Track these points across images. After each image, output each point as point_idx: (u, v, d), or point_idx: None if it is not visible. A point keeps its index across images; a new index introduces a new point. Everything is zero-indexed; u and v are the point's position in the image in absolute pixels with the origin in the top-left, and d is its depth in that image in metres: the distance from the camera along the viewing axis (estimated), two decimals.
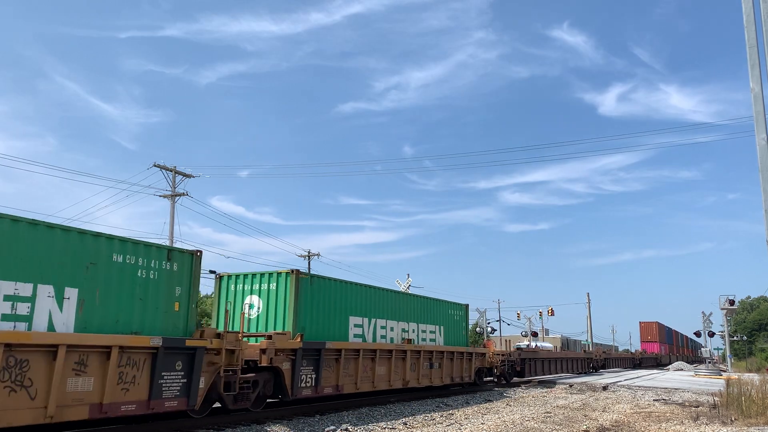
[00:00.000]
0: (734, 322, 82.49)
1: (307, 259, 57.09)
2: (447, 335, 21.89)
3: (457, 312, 23.10)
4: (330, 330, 15.61)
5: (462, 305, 23.79)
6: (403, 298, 19.73)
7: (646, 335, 73.95)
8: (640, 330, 74.29)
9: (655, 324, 75.77)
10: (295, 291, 14.43)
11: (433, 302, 21.57)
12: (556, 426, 13.14)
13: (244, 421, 12.56)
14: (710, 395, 20.63)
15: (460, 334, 22.95)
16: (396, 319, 18.77)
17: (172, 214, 38.12)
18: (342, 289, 16.45)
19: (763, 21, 13.17)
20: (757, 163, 13.00)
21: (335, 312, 15.92)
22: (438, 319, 21.44)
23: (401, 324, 18.98)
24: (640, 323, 74.54)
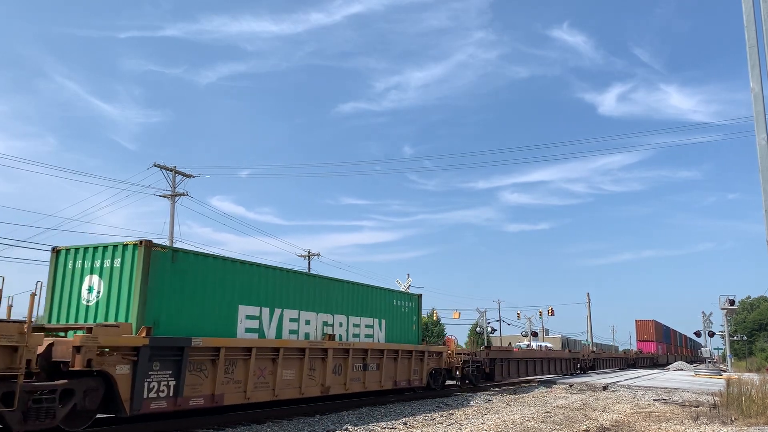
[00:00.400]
0: (734, 322, 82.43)
1: (307, 259, 57.12)
2: (390, 330, 18.52)
3: (405, 303, 19.70)
4: (206, 322, 12.12)
5: (413, 295, 20.77)
6: (325, 285, 16.10)
7: (643, 334, 70.87)
8: (636, 329, 70.95)
9: (651, 323, 72.38)
10: (143, 269, 10.93)
11: (369, 290, 18.00)
12: (557, 426, 13.14)
13: (244, 421, 12.57)
14: (710, 395, 20.64)
15: (408, 329, 19.53)
16: (315, 309, 15.29)
17: (172, 214, 38.12)
18: (226, 270, 12.81)
19: (763, 21, 13.17)
20: (757, 163, 13.00)
21: (215, 299, 12.43)
22: (377, 311, 18.00)
23: (323, 316, 15.58)
24: (636, 321, 70.91)
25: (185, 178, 39.30)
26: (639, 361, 59.39)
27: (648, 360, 64.16)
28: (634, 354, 61.20)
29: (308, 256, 57.19)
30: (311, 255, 57.20)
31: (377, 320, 18.00)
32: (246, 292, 13.21)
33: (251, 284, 13.42)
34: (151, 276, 11.06)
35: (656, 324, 73.26)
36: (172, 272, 11.55)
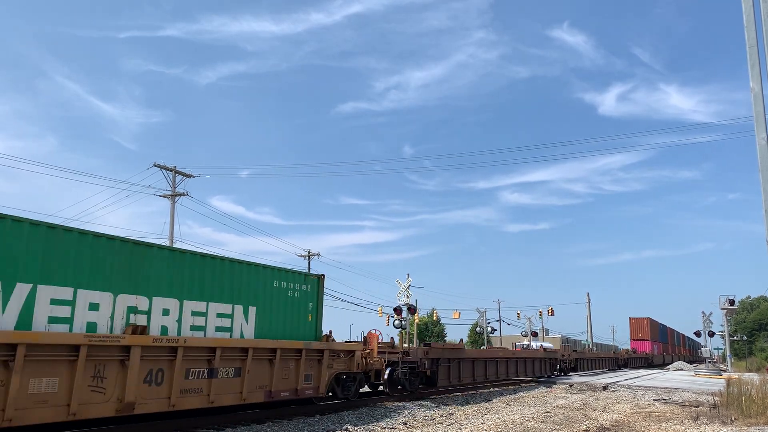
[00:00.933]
0: (734, 322, 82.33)
1: (307, 259, 57.12)
2: (266, 322, 13.64)
3: (293, 285, 14.72)
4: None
5: (308, 276, 15.57)
6: (136, 254, 10.93)
7: (637, 333, 67.04)
8: (629, 327, 65.94)
9: (646, 320, 68.13)
10: None
11: (225, 266, 12.85)
12: (556, 426, 13.14)
13: (244, 421, 12.57)
14: (710, 395, 20.64)
15: (300, 320, 14.74)
16: (112, 289, 10.39)
17: (172, 214, 38.13)
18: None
19: (763, 21, 13.17)
20: (757, 163, 13.00)
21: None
22: (240, 295, 13.05)
23: (126, 299, 10.58)
24: (630, 319, 65.76)
25: (185, 178, 39.32)
26: (631, 361, 56.03)
27: (641, 360, 60.67)
28: (625, 353, 56.75)
29: (308, 256, 57.20)
30: (311, 255, 57.22)
31: (241, 307, 13.04)
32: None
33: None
34: None
35: (651, 322, 69.23)
36: None
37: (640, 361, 59.80)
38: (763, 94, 13.24)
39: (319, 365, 14.87)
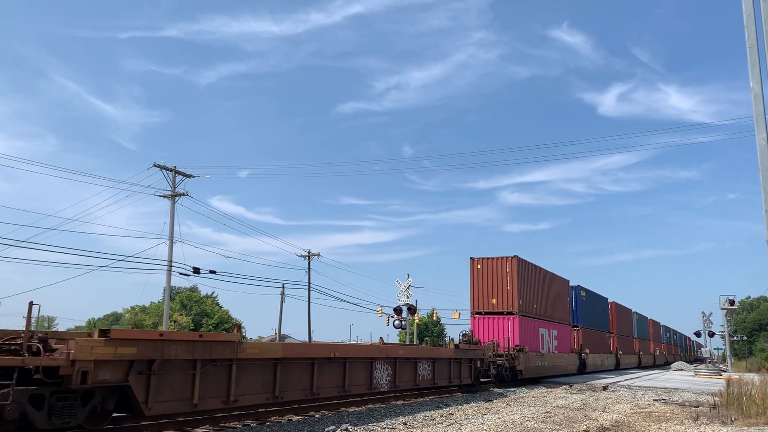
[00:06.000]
0: (734, 322, 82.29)
1: (307, 259, 57.11)
2: None
3: None
4: None
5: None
6: None
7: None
8: (610, 317, 47.64)
9: (629, 312, 55.39)
10: None
11: None
12: (556, 426, 13.14)
13: (245, 421, 12.56)
14: (710, 395, 20.65)
15: None
16: None
17: (172, 214, 38.13)
18: None
19: (763, 21, 13.18)
20: (757, 163, 13.01)
21: None
22: None
23: None
24: (611, 304, 48.04)
25: (185, 178, 39.35)
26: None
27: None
28: (591, 352, 43.57)
29: (308, 256, 57.19)
30: (311, 255, 57.21)
31: None
32: None
33: None
34: None
35: (636, 316, 58.41)
36: None
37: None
38: (763, 94, 13.25)
39: None
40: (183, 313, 77.12)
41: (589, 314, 40.41)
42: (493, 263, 28.14)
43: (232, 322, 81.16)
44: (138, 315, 75.10)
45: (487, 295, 27.92)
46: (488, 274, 28.06)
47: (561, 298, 34.81)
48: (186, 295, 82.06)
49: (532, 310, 29.31)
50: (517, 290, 27.36)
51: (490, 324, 27.58)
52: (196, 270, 36.36)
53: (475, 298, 28.23)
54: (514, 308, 27.27)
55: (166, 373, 9.86)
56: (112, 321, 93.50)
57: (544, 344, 30.60)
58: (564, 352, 34.17)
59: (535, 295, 29.88)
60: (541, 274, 31.48)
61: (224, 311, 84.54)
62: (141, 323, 71.44)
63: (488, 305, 27.81)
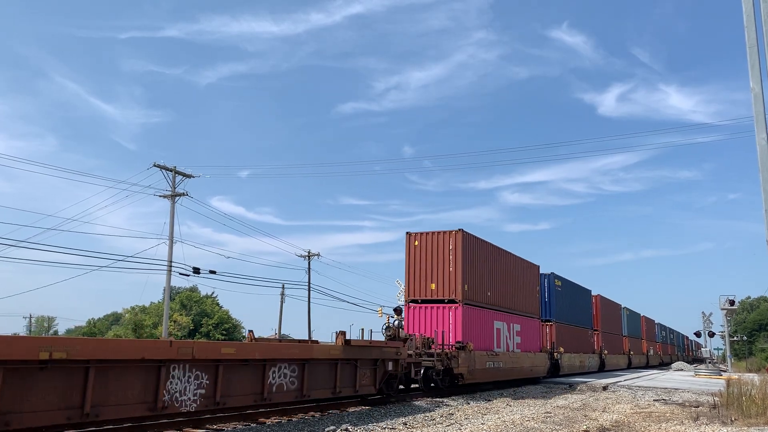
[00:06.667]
0: (734, 323, 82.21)
1: (307, 259, 57.11)
2: None
3: None
4: None
5: None
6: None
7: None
8: (593, 312, 42.07)
9: (617, 308, 49.75)
10: None
11: None
12: (557, 426, 13.14)
13: (244, 422, 12.56)
14: (710, 395, 20.64)
15: None
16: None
17: (172, 214, 38.14)
18: None
19: (763, 21, 13.18)
20: (757, 163, 13.01)
21: None
22: None
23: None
24: (595, 297, 42.46)
25: (185, 178, 39.35)
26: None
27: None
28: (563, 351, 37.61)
29: (308, 257, 57.19)
30: (311, 255, 57.20)
31: None
32: None
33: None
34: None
35: (626, 312, 53.44)
36: None
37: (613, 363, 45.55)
38: (763, 94, 13.25)
39: None
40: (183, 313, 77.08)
41: (565, 307, 34.82)
42: (432, 239, 22.42)
43: (232, 322, 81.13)
44: (138, 315, 75.06)
45: (426, 279, 22.32)
46: (427, 252, 22.42)
47: (527, 287, 28.96)
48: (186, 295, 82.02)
49: (484, 298, 23.70)
50: (461, 273, 21.65)
51: (427, 315, 22.08)
52: (196, 270, 36.37)
53: (410, 283, 22.66)
54: (457, 295, 21.58)
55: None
56: (112, 321, 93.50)
57: (501, 341, 25.01)
58: (530, 351, 28.27)
59: (488, 280, 24.23)
60: (498, 255, 25.62)
61: (224, 311, 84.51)
62: (141, 323, 71.43)
63: (426, 291, 22.29)
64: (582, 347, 37.63)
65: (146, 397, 10.05)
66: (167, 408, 10.36)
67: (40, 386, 8.50)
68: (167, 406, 10.35)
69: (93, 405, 9.02)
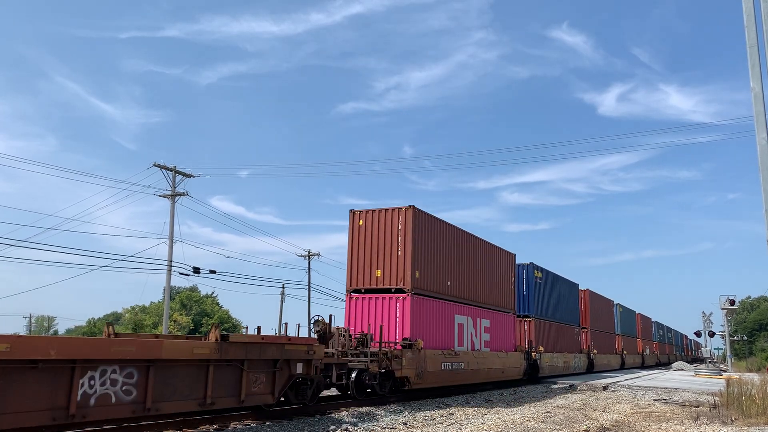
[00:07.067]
0: (734, 322, 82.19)
1: (307, 259, 57.11)
2: None
3: None
4: None
5: None
6: None
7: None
8: (581, 308, 38.99)
9: (609, 304, 46.14)
10: None
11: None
12: (557, 426, 13.14)
13: (244, 422, 12.56)
14: (710, 395, 20.64)
15: None
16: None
17: (172, 214, 38.14)
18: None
19: (763, 21, 13.18)
20: (757, 163, 13.01)
21: None
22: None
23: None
24: (583, 292, 39.46)
25: (185, 178, 39.34)
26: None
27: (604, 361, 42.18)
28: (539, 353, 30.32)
29: (308, 256, 57.19)
30: (311, 255, 57.21)
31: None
32: None
33: None
34: None
35: (614, 306, 49.28)
36: None
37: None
38: (763, 94, 13.25)
39: None
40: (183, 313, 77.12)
41: (547, 302, 31.55)
42: (379, 217, 19.28)
43: (232, 322, 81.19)
44: (138, 315, 75.11)
45: (371, 265, 19.10)
46: (373, 233, 19.31)
47: (501, 278, 25.76)
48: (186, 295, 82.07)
49: (443, 288, 20.50)
50: (411, 257, 18.48)
51: (371, 307, 18.80)
52: (196, 270, 36.38)
53: (353, 270, 19.40)
54: (405, 283, 18.38)
55: None
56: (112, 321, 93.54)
57: (463, 338, 21.69)
58: (501, 350, 24.92)
59: (449, 267, 21.02)
60: (462, 239, 22.30)
61: (224, 311, 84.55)
62: (141, 323, 71.46)
63: (371, 279, 19.01)
64: (567, 346, 34.59)
65: None
66: None
67: None
68: None
69: None
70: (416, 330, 18.42)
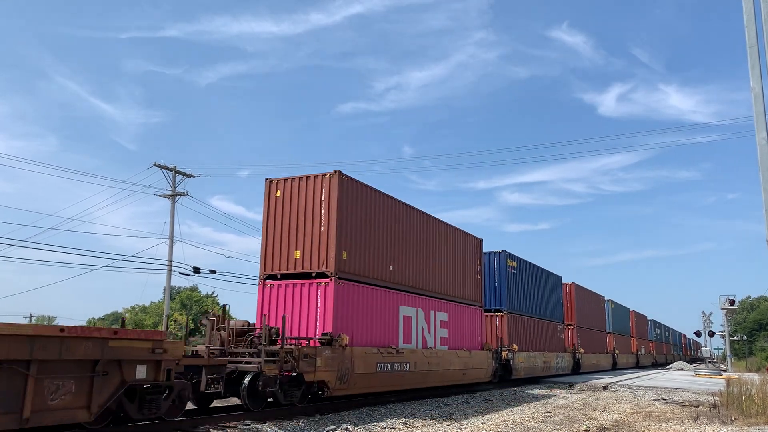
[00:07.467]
0: (734, 322, 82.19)
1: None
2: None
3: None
4: None
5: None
6: None
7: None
8: (566, 303, 36.12)
9: (599, 300, 42.88)
10: None
11: None
12: (557, 426, 13.15)
13: (244, 421, 12.56)
14: (710, 395, 20.65)
15: None
16: None
17: (173, 213, 38.15)
18: None
19: (763, 21, 13.19)
20: (757, 163, 13.02)
21: None
22: None
23: None
24: (568, 286, 36.51)
25: (185, 178, 39.36)
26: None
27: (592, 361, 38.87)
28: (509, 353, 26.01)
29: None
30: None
31: None
32: None
33: None
34: None
35: (615, 308, 48.04)
36: None
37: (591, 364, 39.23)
38: (763, 94, 13.26)
39: None
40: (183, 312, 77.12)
41: (524, 295, 28.53)
42: (300, 187, 16.14)
43: None
44: (138, 315, 75.13)
45: (288, 245, 15.99)
46: (293, 206, 16.16)
47: (463, 266, 22.57)
48: (186, 295, 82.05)
49: (381, 274, 17.22)
50: (335, 234, 15.30)
51: (289, 295, 15.72)
52: (196, 270, 36.38)
53: (268, 251, 16.32)
54: (328, 266, 15.27)
55: None
56: (112, 321, 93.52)
57: (411, 334, 18.43)
58: (463, 349, 21.60)
59: (391, 249, 17.71)
60: (408, 216, 18.93)
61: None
62: (141, 323, 71.46)
63: (289, 262, 15.95)
64: (548, 345, 31.36)
65: None
66: None
67: None
68: None
69: None
70: (342, 323, 15.20)
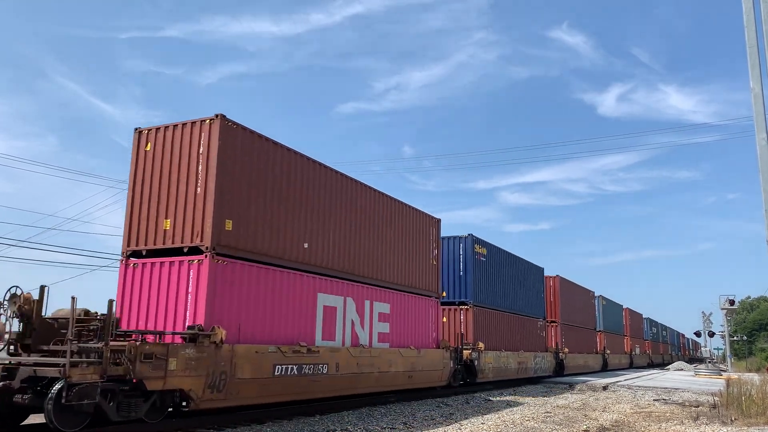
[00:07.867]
0: (734, 322, 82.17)
1: None
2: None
3: None
4: None
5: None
6: None
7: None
8: (548, 298, 32.77)
9: (588, 295, 39.75)
10: None
11: None
12: (557, 426, 13.15)
13: (244, 421, 12.55)
14: (710, 395, 20.65)
15: None
16: None
17: None
18: None
19: (763, 21, 13.19)
20: (757, 163, 13.03)
21: None
22: None
23: None
24: (551, 279, 33.24)
25: None
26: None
27: (579, 362, 35.86)
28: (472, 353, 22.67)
29: None
30: None
31: None
32: None
33: None
34: None
35: (607, 305, 45.21)
36: None
37: (579, 364, 36.29)
38: (763, 94, 13.27)
39: None
40: None
41: (494, 286, 25.15)
42: (175, 137, 12.41)
43: None
44: None
45: (157, 213, 12.27)
46: (164, 162, 12.42)
47: (415, 250, 19.01)
48: None
49: (290, 252, 13.50)
50: (214, 196, 11.60)
51: (156, 277, 11.89)
52: None
53: (132, 220, 12.52)
54: (204, 239, 11.53)
55: None
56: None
57: (336, 329, 14.95)
58: (410, 347, 18.07)
59: (303, 221, 14.02)
60: (333, 182, 15.38)
61: None
62: None
63: (158, 235, 12.18)
64: (525, 343, 28.02)
65: None
66: None
67: None
68: None
69: None
70: (221, 313, 11.56)
